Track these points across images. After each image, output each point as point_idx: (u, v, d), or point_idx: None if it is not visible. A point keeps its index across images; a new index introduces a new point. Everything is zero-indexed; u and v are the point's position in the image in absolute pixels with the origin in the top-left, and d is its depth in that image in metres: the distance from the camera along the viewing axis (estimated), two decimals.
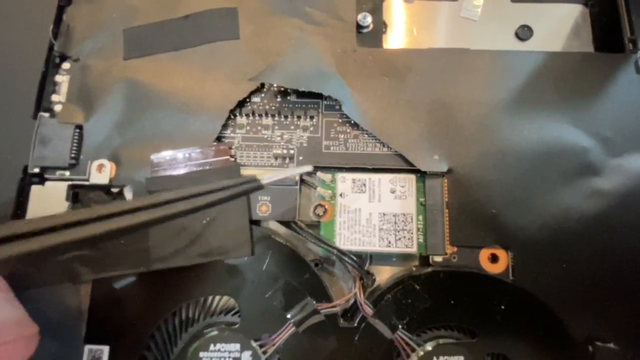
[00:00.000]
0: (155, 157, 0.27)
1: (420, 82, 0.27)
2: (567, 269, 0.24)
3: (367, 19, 0.29)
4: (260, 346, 0.24)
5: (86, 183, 0.27)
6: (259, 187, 0.22)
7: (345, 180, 0.26)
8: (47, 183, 0.27)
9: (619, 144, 0.25)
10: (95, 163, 0.27)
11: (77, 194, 0.28)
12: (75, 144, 0.28)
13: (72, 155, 0.27)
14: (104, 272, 0.25)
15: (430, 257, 0.25)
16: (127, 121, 0.28)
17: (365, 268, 0.26)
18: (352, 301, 0.25)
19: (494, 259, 0.25)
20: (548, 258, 0.24)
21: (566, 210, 0.25)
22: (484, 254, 0.25)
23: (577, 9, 0.30)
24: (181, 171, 0.26)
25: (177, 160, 0.26)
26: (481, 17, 0.30)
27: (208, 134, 0.27)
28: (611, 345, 0.23)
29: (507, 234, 0.25)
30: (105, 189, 0.28)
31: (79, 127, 0.28)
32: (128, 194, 0.27)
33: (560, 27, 0.29)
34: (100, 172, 0.28)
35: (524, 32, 0.29)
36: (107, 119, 0.28)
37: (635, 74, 0.27)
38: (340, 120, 0.27)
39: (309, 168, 0.24)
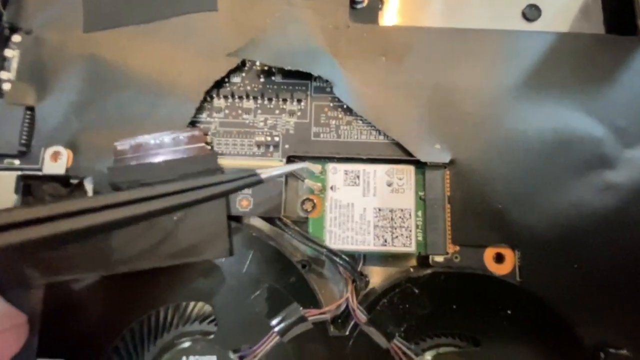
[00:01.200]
0: (119, 144, 0.23)
1: (420, 64, 0.24)
2: (579, 270, 0.22)
3: None
4: (240, 358, 0.22)
5: (39, 173, 0.24)
6: (259, 182, 0.19)
7: (336, 172, 0.24)
8: None
9: (633, 134, 0.23)
10: (50, 150, 0.24)
11: (29, 186, 0.24)
12: (26, 129, 0.24)
13: (23, 141, 0.24)
14: (58, 276, 0.22)
15: (430, 257, 0.23)
16: (87, 103, 0.24)
17: (358, 269, 0.23)
18: (343, 307, 0.22)
19: (499, 258, 0.23)
20: (558, 258, 0.22)
21: (578, 205, 0.22)
22: (488, 254, 0.23)
23: None
24: (149, 160, 0.23)
25: (144, 147, 0.23)
26: None
27: (181, 118, 0.24)
28: (624, 351, 0.21)
29: (514, 231, 0.22)
30: (62, 180, 0.24)
31: (31, 109, 0.24)
32: (89, 187, 0.24)
33: (569, 8, 0.27)
34: (55, 161, 0.24)
35: (531, 12, 0.27)
36: (63, 100, 0.24)
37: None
38: (331, 105, 0.24)
39: (304, 165, 0.22)
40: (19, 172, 0.23)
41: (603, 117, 0.24)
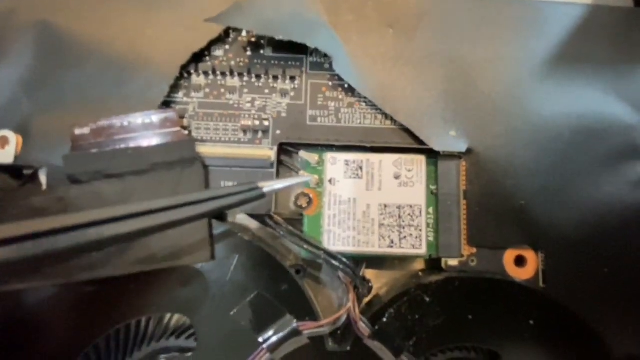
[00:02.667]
0: (78, 128, 0.20)
1: (434, 36, 0.21)
2: (609, 274, 0.20)
3: None
4: None
5: None
6: (260, 196, 0.17)
7: (336, 162, 0.21)
8: None
9: None
10: None
11: None
12: None
13: None
14: (9, 285, 0.18)
15: (443, 260, 0.20)
16: (40, 80, 0.20)
17: (361, 274, 0.20)
18: (343, 318, 0.19)
19: (520, 261, 0.20)
20: (586, 260, 0.20)
21: (609, 202, 0.20)
22: (509, 256, 0.20)
23: None
24: (114, 147, 0.19)
25: (108, 132, 0.19)
26: None
27: (152, 98, 0.20)
28: None
29: (537, 231, 0.20)
30: (11, 170, 0.21)
31: None
32: (43, 179, 0.21)
33: None
34: (2, 148, 0.20)
35: None
36: (11, 76, 0.20)
37: None
38: (330, 84, 0.21)
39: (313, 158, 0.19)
40: None
41: (638, 102, 0.21)
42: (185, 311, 0.19)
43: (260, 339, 0.18)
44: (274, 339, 0.19)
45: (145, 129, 0.20)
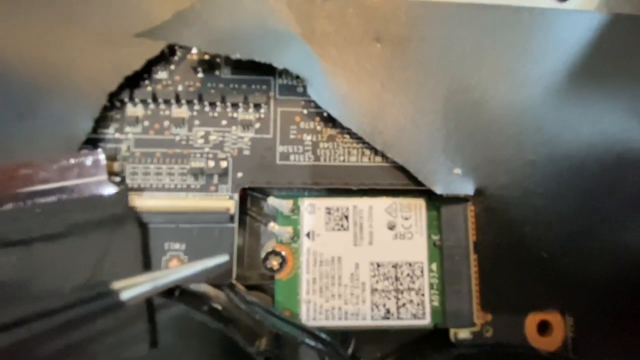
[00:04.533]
0: None
1: (430, 52, 0.17)
2: None
3: None
4: None
5: None
6: (117, 306, 0.12)
7: (314, 210, 0.16)
8: None
9: None
10: None
11: None
12: None
13: None
14: None
15: (452, 331, 0.16)
16: None
17: (350, 353, 0.16)
18: None
19: (545, 328, 0.16)
20: (624, 324, 0.16)
21: None
22: (531, 322, 0.16)
23: None
24: (20, 203, 0.15)
25: (9, 183, 0.15)
26: None
27: (71, 135, 0.15)
28: None
29: (563, 289, 0.16)
30: None
31: None
32: None
33: None
34: None
35: None
36: None
37: None
38: (305, 112, 0.17)
39: (224, 258, 0.14)
40: None
41: None
42: None
43: None
44: None
45: (61, 178, 0.15)
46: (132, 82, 0.16)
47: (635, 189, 0.17)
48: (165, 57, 0.17)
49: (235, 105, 0.17)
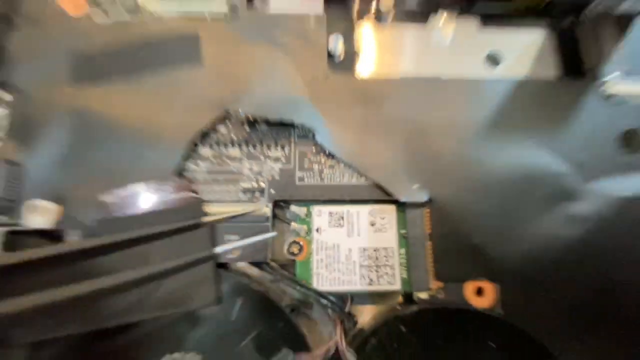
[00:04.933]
0: (106, 196, 0.24)
1: (395, 111, 0.26)
2: (555, 299, 0.23)
3: (339, 44, 0.28)
4: None
5: (26, 229, 0.24)
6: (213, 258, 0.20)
7: (321, 214, 0.25)
8: None
9: (592, 168, 0.25)
10: (37, 205, 0.24)
11: (13, 243, 0.24)
12: (11, 184, 0.24)
13: (8, 196, 0.24)
14: (45, 334, 0.21)
15: (415, 294, 0.24)
16: (75, 156, 0.25)
17: (347, 310, 0.23)
18: (333, 350, 0.22)
19: (480, 292, 0.24)
20: (535, 288, 0.23)
21: (547, 238, 0.24)
22: (469, 288, 0.24)
23: (544, 35, 0.30)
24: (135, 211, 0.23)
25: (130, 198, 0.23)
26: (452, 42, 0.30)
27: (167, 168, 0.24)
28: None
29: (492, 265, 0.24)
30: (50, 235, 0.24)
31: (16, 164, 0.25)
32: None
33: (528, 53, 0.30)
34: (43, 216, 0.24)
35: (493, 58, 0.30)
36: (50, 154, 0.25)
37: (599, 101, 0.27)
38: (313, 150, 0.26)
39: (273, 234, 0.23)
40: (5, 228, 0.23)
41: (565, 154, 0.26)
42: (196, 349, 0.22)
43: None
44: None
45: (161, 195, 0.24)
46: (204, 133, 0.25)
47: (539, 195, 0.25)
48: (224, 118, 0.26)
49: (269, 146, 0.26)
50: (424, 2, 0.30)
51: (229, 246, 0.21)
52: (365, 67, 0.28)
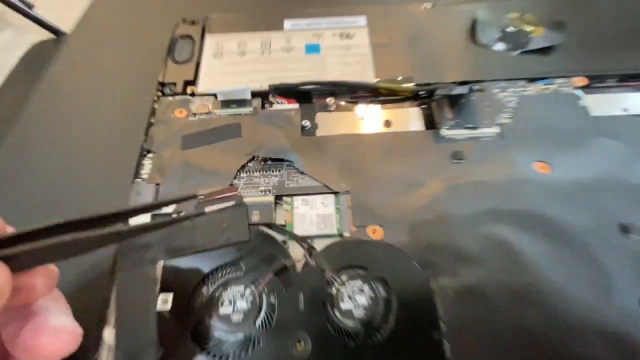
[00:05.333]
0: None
1: (334, 151, 0.53)
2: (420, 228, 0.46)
3: (307, 123, 0.56)
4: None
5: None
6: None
7: (298, 200, 0.50)
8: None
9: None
10: None
11: None
12: (156, 195, 0.52)
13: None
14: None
15: (343, 234, 0.47)
16: (183, 181, 0.52)
17: (310, 243, 0.47)
18: (304, 260, 0.46)
19: (375, 231, 0.47)
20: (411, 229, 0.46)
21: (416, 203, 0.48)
22: (370, 229, 0.47)
23: (413, 107, 0.57)
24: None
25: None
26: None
27: (226, 184, 0.51)
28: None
29: (381, 214, 0.47)
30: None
31: (157, 184, 0.52)
32: None
33: (411, 117, 0.57)
34: None
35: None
36: (172, 181, 0.52)
37: (440, 140, 0.53)
38: (294, 171, 0.52)
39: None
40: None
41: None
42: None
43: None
44: (273, 267, 0.44)
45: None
46: (242, 166, 0.52)
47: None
48: (252, 159, 0.53)
49: (272, 170, 0.52)
50: (350, 98, 0.58)
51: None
52: (320, 132, 0.56)
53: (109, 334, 0.36)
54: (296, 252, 0.43)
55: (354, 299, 0.37)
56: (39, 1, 0.80)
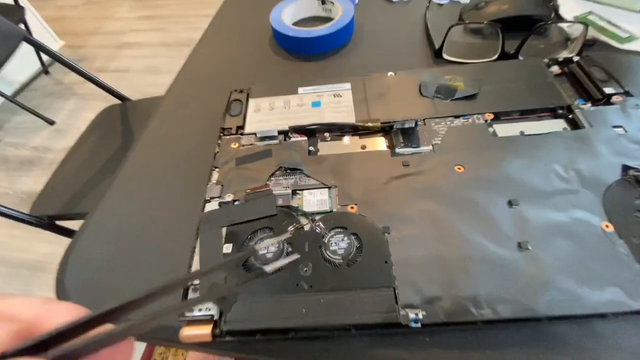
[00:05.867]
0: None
1: (328, 164, 0.84)
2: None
3: (312, 149, 0.88)
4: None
5: None
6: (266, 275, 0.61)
7: (305, 192, 0.80)
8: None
9: None
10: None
11: None
12: (221, 191, 0.83)
13: None
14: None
15: (332, 210, 0.76)
16: (236, 185, 0.84)
17: (313, 216, 0.76)
18: (309, 224, 0.74)
19: (352, 208, 0.75)
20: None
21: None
22: (349, 207, 0.75)
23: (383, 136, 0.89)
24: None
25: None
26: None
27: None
28: None
29: (356, 198, 0.76)
30: None
31: (222, 185, 0.84)
32: None
33: (378, 142, 0.88)
34: None
35: None
36: (230, 184, 0.84)
37: (395, 157, 0.83)
38: (304, 176, 0.82)
39: (296, 256, 0.63)
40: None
41: None
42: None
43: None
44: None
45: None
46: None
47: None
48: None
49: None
50: (339, 132, 0.91)
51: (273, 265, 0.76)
52: (320, 153, 0.87)
53: (195, 261, 0.66)
54: (304, 221, 0.72)
55: (338, 244, 0.66)
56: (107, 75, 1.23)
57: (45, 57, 3.37)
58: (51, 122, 3.05)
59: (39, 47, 1.50)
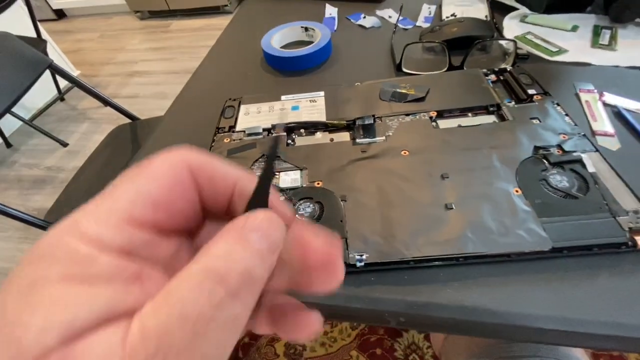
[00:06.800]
0: None
1: (302, 152, 1.02)
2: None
3: (290, 141, 1.07)
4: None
5: None
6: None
7: (283, 173, 0.98)
8: None
9: None
10: None
11: None
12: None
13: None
14: None
15: (303, 185, 0.94)
16: None
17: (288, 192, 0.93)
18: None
19: (318, 184, 0.93)
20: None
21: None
22: (316, 182, 0.93)
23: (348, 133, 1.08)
24: None
25: None
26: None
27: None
28: None
29: (322, 175, 0.94)
30: None
31: None
32: None
33: (343, 135, 1.07)
34: None
35: None
36: None
37: (356, 146, 1.02)
38: (282, 163, 1.02)
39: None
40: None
41: None
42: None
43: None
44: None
45: None
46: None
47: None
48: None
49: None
50: (312, 129, 1.10)
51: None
52: (297, 144, 1.07)
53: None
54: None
55: (305, 210, 0.84)
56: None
57: (61, 85, 3.65)
58: (64, 144, 3.28)
59: (61, 74, 1.73)
